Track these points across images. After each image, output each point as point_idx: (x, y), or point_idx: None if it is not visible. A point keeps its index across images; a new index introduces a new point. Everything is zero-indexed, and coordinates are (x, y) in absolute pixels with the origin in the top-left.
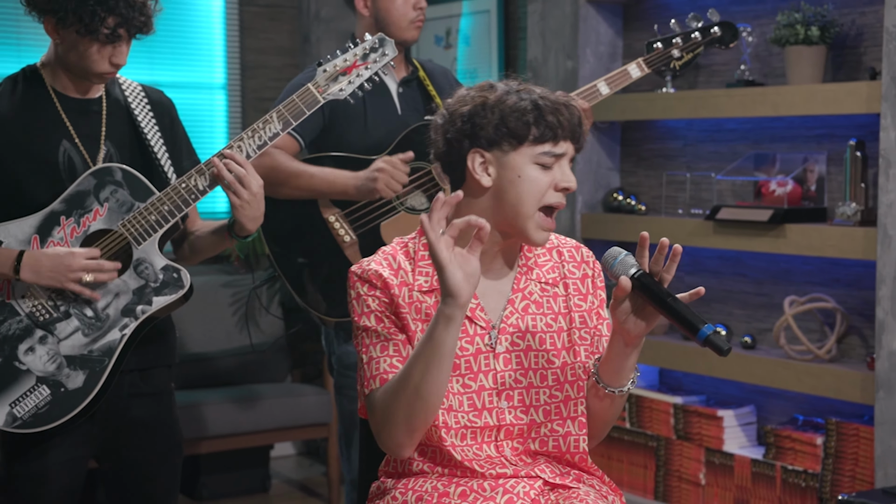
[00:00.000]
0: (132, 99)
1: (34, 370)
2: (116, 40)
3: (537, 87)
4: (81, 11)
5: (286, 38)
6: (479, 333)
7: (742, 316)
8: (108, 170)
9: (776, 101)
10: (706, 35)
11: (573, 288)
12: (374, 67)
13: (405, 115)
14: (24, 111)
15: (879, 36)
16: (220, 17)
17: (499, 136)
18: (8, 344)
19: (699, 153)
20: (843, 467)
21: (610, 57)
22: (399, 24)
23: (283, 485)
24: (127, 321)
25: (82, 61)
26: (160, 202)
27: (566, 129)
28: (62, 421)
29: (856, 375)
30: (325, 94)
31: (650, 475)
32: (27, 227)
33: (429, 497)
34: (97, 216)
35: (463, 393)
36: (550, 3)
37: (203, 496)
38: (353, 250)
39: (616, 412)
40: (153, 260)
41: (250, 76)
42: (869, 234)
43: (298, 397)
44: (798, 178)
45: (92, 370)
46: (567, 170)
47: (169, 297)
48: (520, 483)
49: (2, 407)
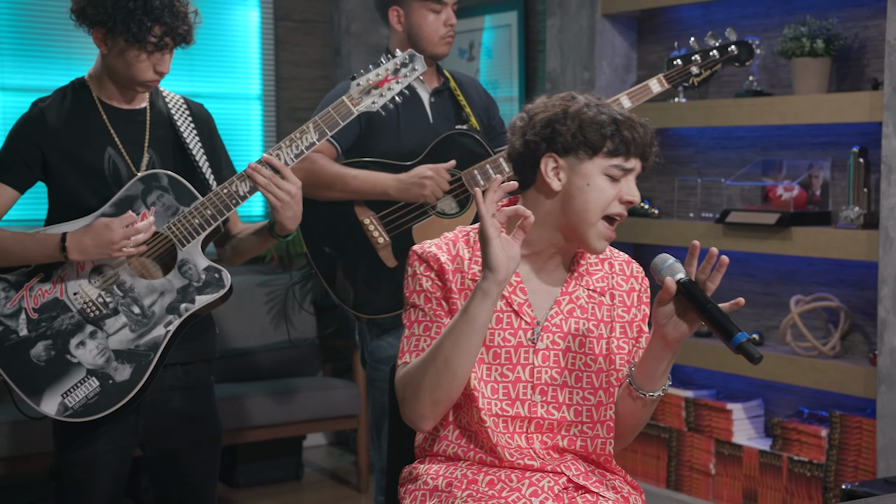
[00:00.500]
0: (174, 110)
1: (84, 363)
2: (162, 48)
3: (613, 105)
4: (130, 22)
5: (318, 51)
6: (524, 328)
7: (750, 314)
8: (155, 176)
9: (783, 111)
10: (724, 53)
11: (619, 299)
12: (404, 81)
13: (436, 123)
14: (72, 121)
15: (881, 48)
16: (256, 31)
17: (575, 143)
18: (60, 338)
19: (710, 160)
20: (846, 458)
21: (625, 68)
22: (430, 39)
23: (315, 473)
24: (171, 318)
25: (129, 69)
26: (203, 206)
27: (639, 146)
28: (110, 411)
29: (859, 371)
30: (358, 107)
31: (663, 465)
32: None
33: (458, 483)
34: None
35: (499, 382)
36: (568, 18)
37: (240, 483)
38: (386, 251)
39: (644, 418)
40: (196, 261)
41: (285, 87)
42: (871, 237)
43: (329, 390)
44: (804, 183)
45: (138, 364)
46: (633, 184)
47: (211, 295)
48: (545, 478)
49: (54, 397)
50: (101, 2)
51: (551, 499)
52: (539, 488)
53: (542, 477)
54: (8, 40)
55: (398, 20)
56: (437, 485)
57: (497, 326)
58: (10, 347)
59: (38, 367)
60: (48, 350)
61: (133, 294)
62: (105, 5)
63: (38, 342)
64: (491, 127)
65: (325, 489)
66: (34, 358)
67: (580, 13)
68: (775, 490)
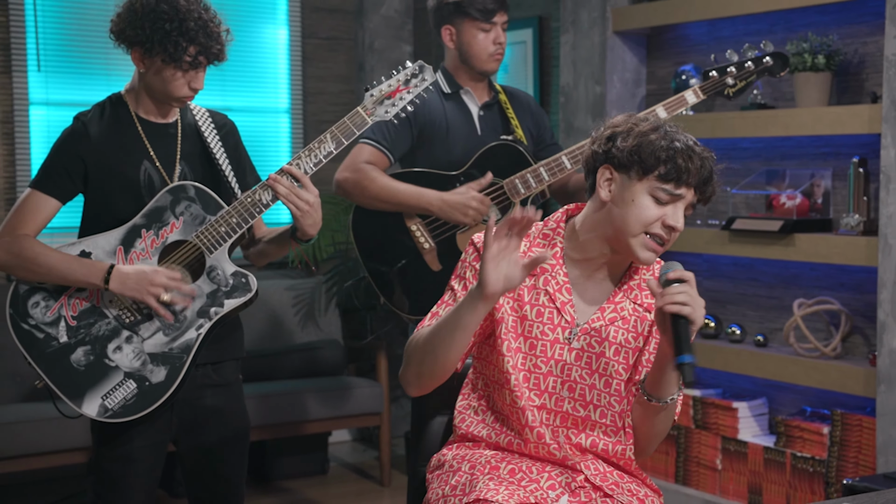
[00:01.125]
0: (201, 122)
1: (122, 366)
2: (197, 66)
3: (690, 136)
4: (166, 42)
5: (343, 66)
6: (563, 326)
7: (755, 317)
8: (183, 187)
9: (786, 123)
10: (759, 65)
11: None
12: (415, 91)
13: (484, 135)
14: (111, 135)
15: (880, 63)
16: (284, 48)
17: (630, 161)
18: (98, 343)
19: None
20: (847, 454)
21: (634, 83)
22: (480, 56)
23: (339, 467)
24: (202, 321)
25: (165, 87)
26: (229, 215)
27: (693, 176)
28: (147, 411)
29: (859, 371)
30: (372, 116)
31: (671, 461)
32: (113, 239)
33: (481, 468)
34: (174, 229)
35: (532, 372)
36: (580, 35)
37: (269, 477)
38: (431, 256)
39: (658, 428)
40: (224, 266)
41: (311, 101)
42: (871, 243)
43: (354, 389)
44: (806, 192)
45: (172, 366)
46: (679, 211)
47: (238, 299)
48: (564, 473)
49: (95, 399)
50: (139, 23)
51: (567, 494)
52: (557, 482)
53: (561, 472)
54: (52, 57)
55: (450, 38)
56: (461, 468)
57: (537, 319)
58: (51, 354)
59: (79, 371)
60: (87, 355)
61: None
62: (143, 27)
63: (78, 348)
64: (540, 139)
65: (349, 483)
66: (74, 363)
67: (592, 30)
68: (779, 485)
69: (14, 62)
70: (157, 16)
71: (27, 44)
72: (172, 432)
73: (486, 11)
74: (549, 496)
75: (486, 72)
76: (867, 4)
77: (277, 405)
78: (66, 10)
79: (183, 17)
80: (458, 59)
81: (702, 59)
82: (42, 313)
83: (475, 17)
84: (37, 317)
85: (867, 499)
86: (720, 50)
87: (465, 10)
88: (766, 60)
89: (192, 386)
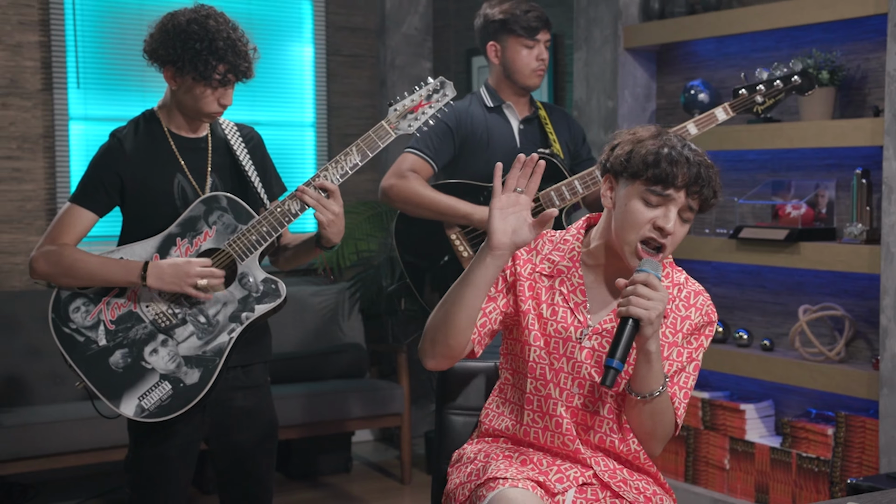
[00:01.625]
0: (230, 136)
1: (158, 368)
2: (226, 84)
3: (690, 144)
4: (197, 61)
5: (366, 82)
6: (576, 325)
7: (762, 322)
8: (216, 198)
9: (791, 135)
10: (787, 83)
11: (671, 321)
12: (436, 106)
13: (523, 148)
14: (145, 150)
15: (881, 79)
16: (310, 65)
17: (623, 168)
18: (136, 347)
19: (724, 180)
20: (851, 455)
21: (645, 97)
22: (523, 72)
23: (362, 466)
24: (234, 326)
25: (196, 103)
26: (259, 224)
27: (680, 180)
28: (182, 411)
29: (862, 374)
30: (395, 130)
31: (681, 460)
32: (149, 247)
33: (494, 457)
34: (207, 237)
35: (547, 367)
36: (593, 52)
37: (295, 475)
38: (468, 263)
39: (648, 425)
40: (255, 273)
41: (335, 115)
42: (873, 251)
43: (376, 391)
44: (811, 202)
45: (206, 368)
46: (671, 214)
47: (269, 304)
48: (573, 468)
49: (132, 400)
50: (171, 43)
51: (574, 488)
52: (565, 476)
53: (570, 466)
54: (90, 75)
55: (495, 54)
56: (477, 457)
57: (552, 318)
58: (91, 356)
59: (117, 373)
60: (125, 357)
61: (199, 305)
62: (174, 46)
63: (116, 350)
64: (576, 154)
65: (371, 480)
66: (112, 365)
67: (604, 47)
68: (785, 484)
69: (55, 79)
70: (187, 36)
71: (67, 62)
72: (205, 432)
73: (530, 29)
74: (556, 488)
75: (528, 87)
76: (869, 22)
77: (303, 406)
78: (104, 31)
79: (212, 37)
80: (502, 75)
81: (709, 74)
82: (82, 318)
83: (520, 34)
84: (77, 321)
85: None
86: (727, 66)
87: (510, 27)
88: (794, 79)
89: (223, 388)
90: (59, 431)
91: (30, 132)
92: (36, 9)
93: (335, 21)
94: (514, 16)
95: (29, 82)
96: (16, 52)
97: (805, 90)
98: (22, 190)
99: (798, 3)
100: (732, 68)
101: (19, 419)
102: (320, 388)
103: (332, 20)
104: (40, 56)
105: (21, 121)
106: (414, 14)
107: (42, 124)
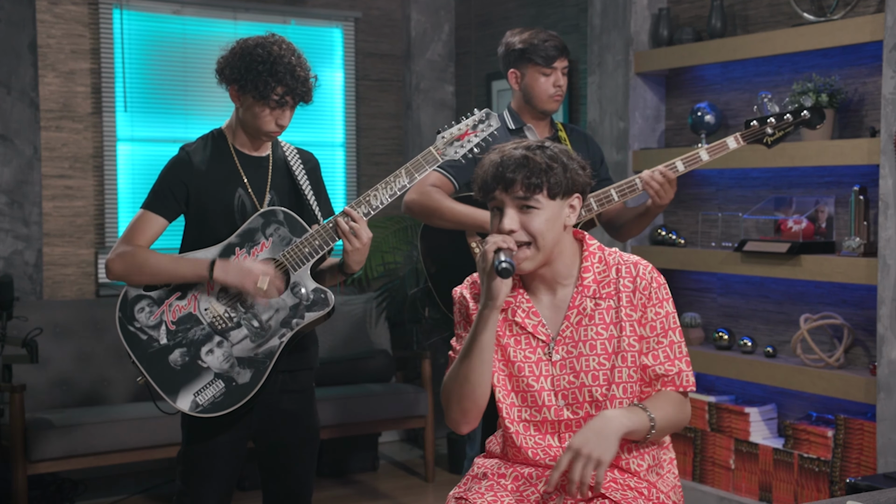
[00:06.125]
0: (290, 157)
1: (213, 367)
2: (283, 105)
3: (530, 148)
4: (257, 81)
5: (392, 105)
6: (540, 346)
7: (765, 330)
8: (273, 212)
9: (793, 154)
10: (797, 117)
11: (626, 300)
12: (481, 135)
13: None
14: (210, 164)
15: (878, 101)
16: (340, 89)
17: None
18: (193, 346)
19: (729, 196)
20: (850, 456)
21: (655, 119)
22: (541, 97)
23: (388, 465)
24: (284, 331)
25: (255, 121)
26: (312, 238)
27: (499, 185)
28: (234, 408)
29: (860, 380)
30: (442, 155)
31: (689, 461)
32: (210, 255)
33: (491, 474)
34: (263, 248)
35: (526, 391)
36: (606, 76)
37: (326, 472)
38: None
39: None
40: (306, 283)
41: (364, 136)
42: (871, 264)
43: (401, 394)
44: (811, 217)
45: (257, 369)
46: (507, 217)
47: (317, 312)
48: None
49: (188, 396)
50: (236, 64)
51: (561, 495)
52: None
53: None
54: (137, 99)
55: (516, 80)
56: (478, 473)
57: (517, 347)
58: (152, 353)
59: (175, 370)
60: (183, 356)
61: (254, 310)
62: (240, 67)
63: (175, 349)
64: (594, 173)
65: (397, 479)
66: (171, 363)
67: (616, 72)
68: (787, 483)
69: (104, 104)
70: (252, 58)
71: (115, 88)
72: (251, 431)
73: (547, 58)
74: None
75: (546, 111)
76: (866, 48)
77: (334, 408)
78: (149, 59)
79: (274, 61)
80: (523, 100)
81: (715, 97)
82: (146, 317)
83: (538, 62)
84: (141, 320)
85: (869, 497)
86: (732, 89)
87: (529, 56)
88: (804, 114)
89: (271, 390)
90: (107, 431)
91: (81, 153)
92: (87, 38)
93: (364, 48)
94: (532, 45)
95: (80, 106)
96: (69, 78)
97: (815, 124)
98: (73, 206)
99: (798, 30)
100: (737, 91)
101: (70, 420)
102: (350, 392)
103: (361, 47)
104: (91, 82)
105: (73, 142)
106: (437, 41)
107: (92, 145)
